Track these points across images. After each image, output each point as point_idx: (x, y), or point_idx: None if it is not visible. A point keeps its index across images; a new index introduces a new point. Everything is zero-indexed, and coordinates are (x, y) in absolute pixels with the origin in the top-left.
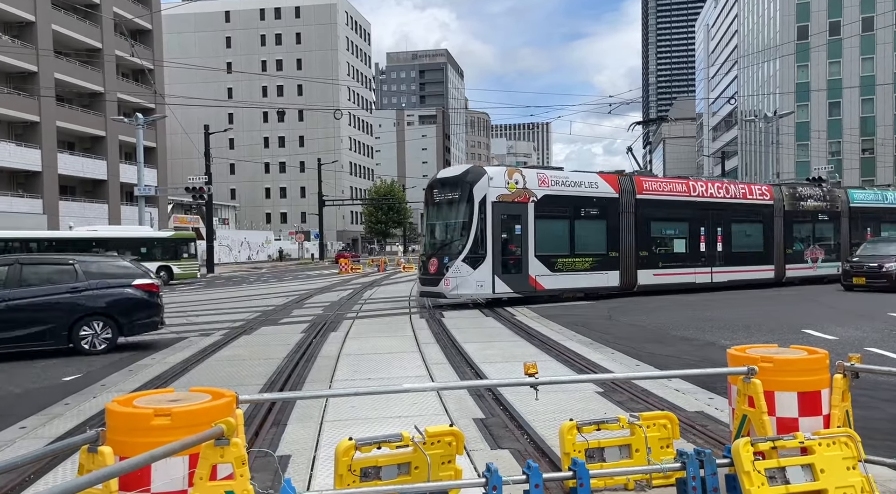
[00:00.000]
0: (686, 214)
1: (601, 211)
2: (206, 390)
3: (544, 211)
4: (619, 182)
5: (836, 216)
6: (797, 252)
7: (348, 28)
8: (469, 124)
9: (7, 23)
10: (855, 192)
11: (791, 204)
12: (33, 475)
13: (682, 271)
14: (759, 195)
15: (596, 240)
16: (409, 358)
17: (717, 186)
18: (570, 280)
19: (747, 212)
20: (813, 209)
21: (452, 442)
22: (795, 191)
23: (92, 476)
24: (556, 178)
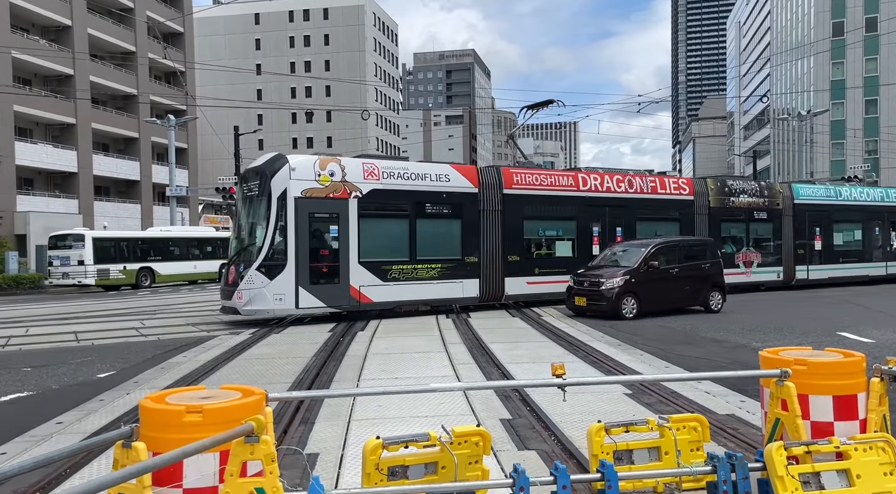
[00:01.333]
0: (573, 212)
1: (454, 208)
2: (236, 387)
3: (372, 208)
4: (481, 175)
5: (776, 214)
6: (726, 255)
7: (376, 29)
8: (496, 124)
9: (45, 27)
10: (801, 188)
11: (718, 200)
12: (69, 469)
13: (564, 279)
14: (676, 190)
15: (447, 243)
16: (435, 358)
17: (618, 180)
18: (410, 290)
19: (659, 209)
20: (747, 206)
21: (479, 443)
22: (724, 185)
23: (126, 471)
24: (389, 170)
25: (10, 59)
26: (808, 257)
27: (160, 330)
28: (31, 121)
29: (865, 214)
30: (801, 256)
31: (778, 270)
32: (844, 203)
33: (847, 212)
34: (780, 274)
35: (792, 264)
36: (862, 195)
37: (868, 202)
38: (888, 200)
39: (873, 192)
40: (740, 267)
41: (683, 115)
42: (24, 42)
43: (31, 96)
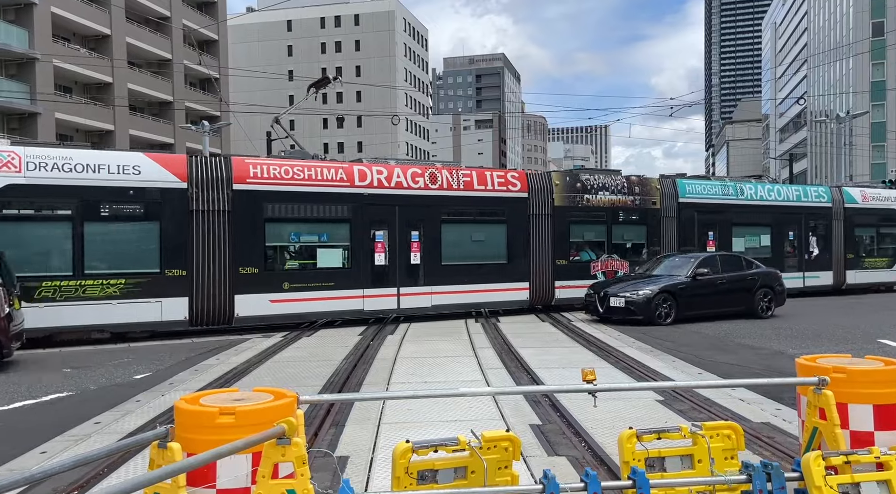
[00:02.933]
0: (345, 213)
1: (149, 209)
2: (268, 390)
3: (12, 209)
4: (195, 166)
5: (654, 215)
6: (575, 265)
7: (406, 35)
8: (526, 128)
9: (85, 37)
10: (689, 184)
11: (567, 198)
12: (107, 468)
13: (330, 295)
14: (502, 185)
15: (138, 252)
16: (465, 362)
17: (414, 174)
18: (76, 314)
19: (475, 208)
20: (609, 205)
21: (509, 448)
22: (576, 180)
23: (162, 471)
24: (40, 160)
25: (51, 67)
26: None
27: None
28: (72, 127)
29: (776, 216)
30: None
31: None
32: (746, 202)
33: (751, 213)
34: None
35: None
36: (771, 194)
37: (779, 202)
38: (806, 200)
39: (787, 191)
40: (598, 277)
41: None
42: (66, 51)
43: (72, 104)
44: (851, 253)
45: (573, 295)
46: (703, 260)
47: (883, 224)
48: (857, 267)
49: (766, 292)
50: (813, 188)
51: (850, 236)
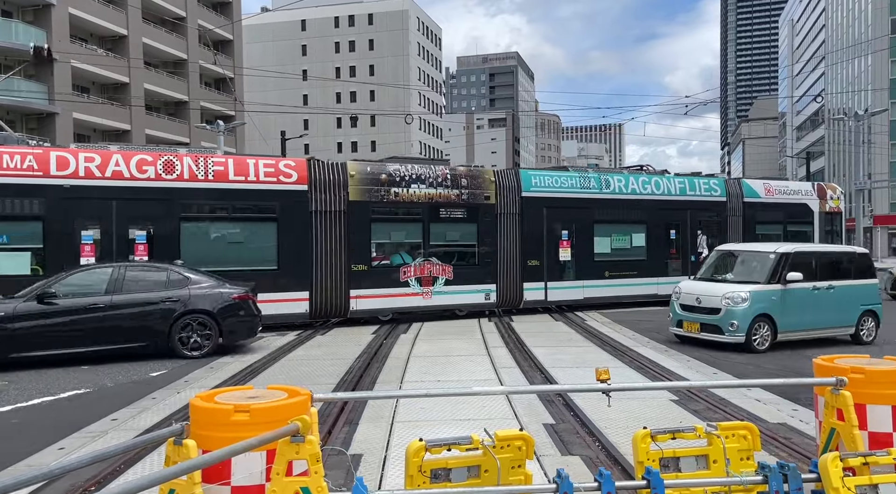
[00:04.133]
0: (34, 209)
1: None
2: (282, 388)
3: None
4: None
5: (487, 212)
6: (380, 271)
7: (420, 34)
8: (539, 127)
9: (102, 37)
10: (535, 175)
11: (366, 191)
12: (123, 464)
13: None
14: (270, 176)
15: None
16: (478, 361)
17: (141, 161)
18: None
19: (234, 204)
20: (426, 200)
21: (522, 447)
22: (380, 171)
23: (178, 467)
24: None
25: (69, 68)
26: (546, 271)
27: None
28: (90, 127)
29: (653, 212)
30: (535, 270)
31: (487, 290)
32: (613, 197)
33: (619, 208)
34: (489, 295)
35: (516, 281)
36: (647, 187)
37: (657, 196)
38: (693, 193)
39: (668, 183)
40: (411, 285)
41: (732, 116)
42: (83, 51)
43: (90, 104)
44: None
45: (377, 305)
46: None
47: (792, 221)
48: None
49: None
50: (703, 180)
51: (751, 234)
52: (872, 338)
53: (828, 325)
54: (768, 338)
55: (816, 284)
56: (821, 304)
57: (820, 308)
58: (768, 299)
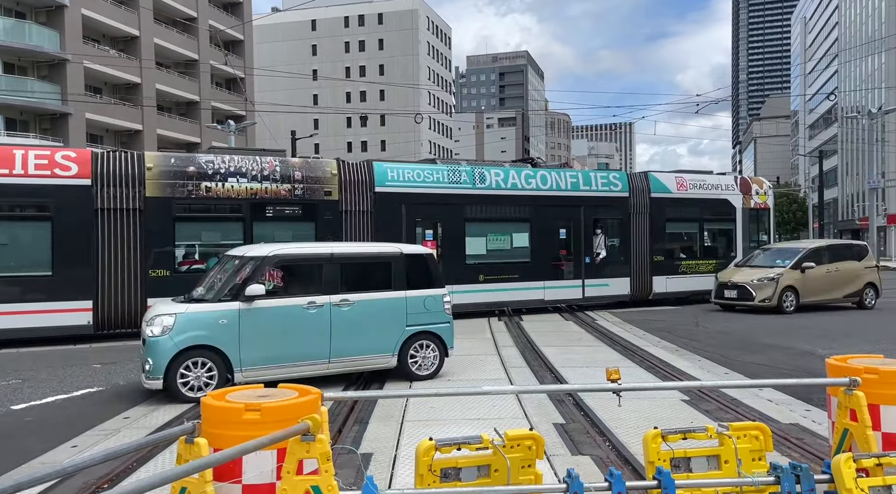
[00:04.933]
0: None
1: None
2: (293, 387)
3: None
4: None
5: (326, 210)
6: (189, 277)
7: (429, 33)
8: (549, 126)
9: (114, 38)
10: (391, 168)
11: (167, 186)
12: (136, 462)
13: None
14: (43, 168)
15: None
16: (488, 361)
17: None
18: None
19: None
20: (247, 196)
21: (532, 446)
22: (190, 163)
23: (189, 465)
24: None
25: (82, 69)
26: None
27: None
28: (102, 128)
29: (538, 209)
30: None
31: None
32: (488, 192)
33: (496, 205)
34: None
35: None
36: (530, 181)
37: (543, 191)
38: (588, 188)
39: (558, 177)
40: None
41: (744, 115)
42: (96, 52)
43: (102, 104)
44: (661, 256)
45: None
46: None
47: (710, 218)
48: (669, 273)
49: None
50: (601, 174)
51: (660, 233)
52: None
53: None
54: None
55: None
56: (833, 281)
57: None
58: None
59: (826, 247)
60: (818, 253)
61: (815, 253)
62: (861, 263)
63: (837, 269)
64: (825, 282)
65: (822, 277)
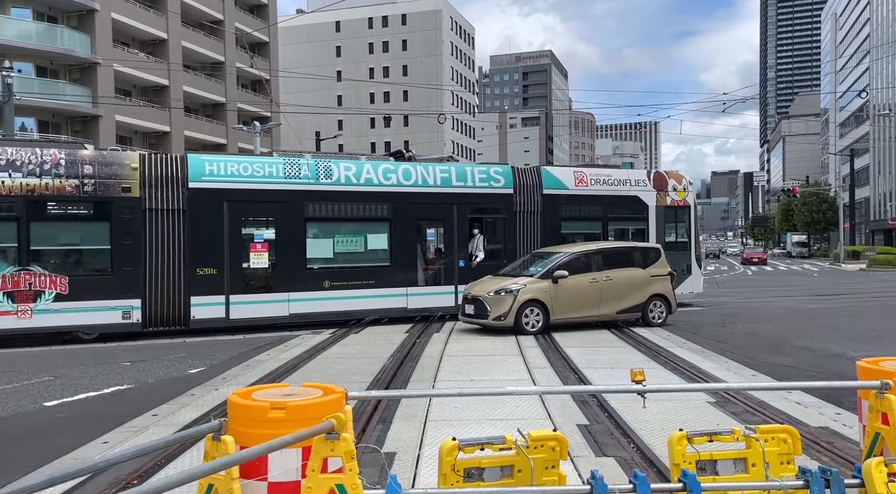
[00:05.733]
0: None
1: None
2: (317, 385)
3: None
4: None
5: (122, 208)
6: None
7: (453, 33)
8: (573, 125)
9: (143, 41)
10: (208, 161)
11: None
12: (164, 459)
13: None
14: None
15: None
16: (511, 361)
17: None
18: None
19: None
20: (24, 193)
21: (556, 447)
22: None
23: (216, 462)
24: None
25: (112, 72)
26: (227, 282)
27: None
28: (131, 129)
29: (402, 208)
30: (209, 280)
31: (127, 306)
32: (335, 188)
33: (348, 203)
34: (129, 314)
35: (176, 294)
36: (389, 176)
37: (406, 187)
38: (462, 184)
39: (425, 172)
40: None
41: (772, 113)
42: (125, 55)
43: (131, 106)
44: None
45: None
46: None
47: (617, 216)
48: None
49: None
50: (481, 168)
51: (555, 234)
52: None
53: None
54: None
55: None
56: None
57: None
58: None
59: (598, 252)
60: (583, 260)
61: (577, 260)
62: (647, 271)
63: (609, 278)
64: (588, 295)
65: (583, 289)
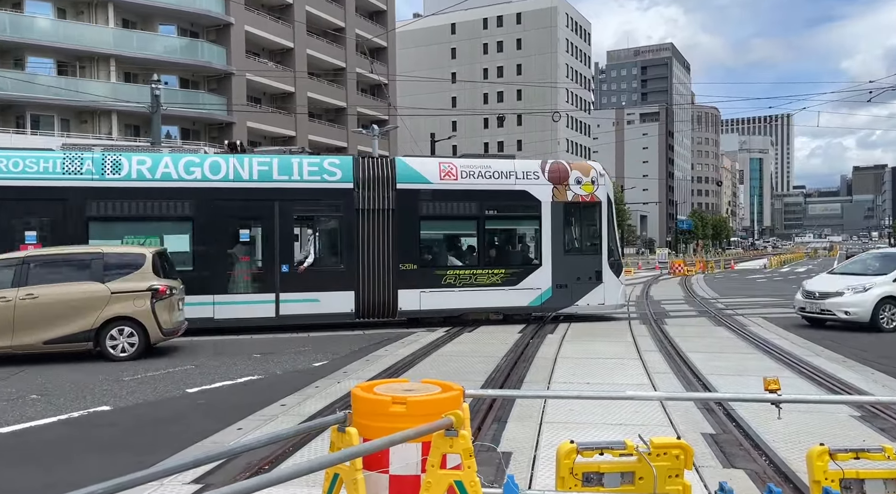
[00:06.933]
0: None
1: None
2: (435, 382)
3: None
4: None
5: None
6: None
7: (568, 30)
8: (696, 120)
9: (272, 51)
10: None
11: None
12: (292, 447)
13: None
14: None
15: None
16: (629, 365)
17: None
18: None
19: None
20: None
21: (680, 456)
22: None
23: (342, 453)
24: None
25: (244, 81)
26: None
27: None
28: (261, 134)
29: (208, 206)
30: None
31: None
32: (124, 185)
33: (141, 200)
34: None
35: None
36: (192, 170)
37: (215, 183)
38: (286, 178)
39: (238, 165)
40: None
41: None
42: (256, 65)
43: (261, 113)
44: (412, 263)
45: None
46: None
47: (496, 215)
48: (427, 285)
49: None
50: (312, 160)
51: (411, 235)
52: None
53: None
54: None
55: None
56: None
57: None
58: None
59: (37, 258)
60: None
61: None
62: (106, 285)
63: (32, 296)
64: None
65: None
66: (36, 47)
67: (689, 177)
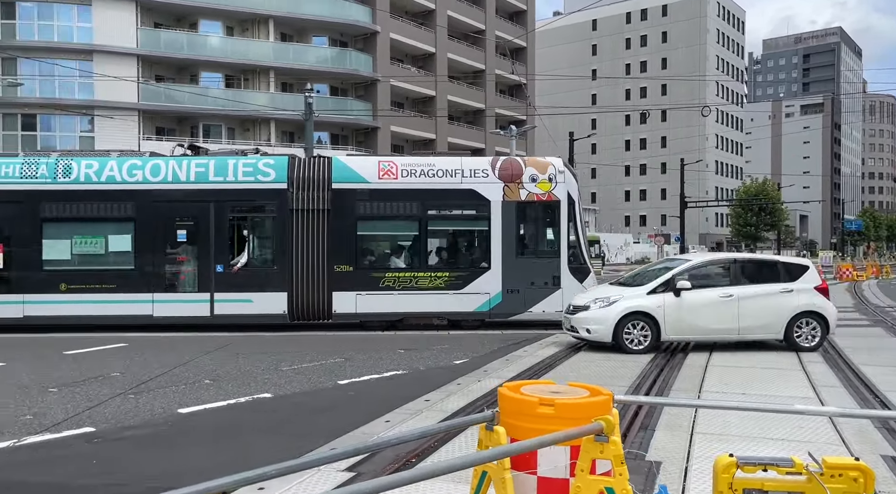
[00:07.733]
0: None
1: None
2: (582, 385)
3: None
4: None
5: None
6: None
7: (719, 19)
8: (868, 110)
9: (414, 56)
10: None
11: None
12: (437, 442)
13: None
14: None
15: None
16: (789, 377)
17: None
18: None
19: None
20: None
21: (859, 479)
22: None
23: (492, 451)
24: None
25: (388, 87)
26: None
27: None
28: (403, 138)
29: (149, 207)
30: None
31: None
32: (74, 187)
33: (89, 202)
34: None
35: None
36: (134, 173)
37: (155, 185)
38: (222, 179)
39: (178, 167)
40: None
41: None
42: (399, 71)
43: (403, 117)
44: (347, 265)
45: None
46: None
47: (440, 215)
48: (363, 288)
49: None
50: (247, 161)
51: (346, 236)
52: None
53: None
54: None
55: None
56: None
57: None
58: None
59: None
60: None
61: None
62: None
63: None
64: None
65: None
66: (208, 63)
67: (858, 174)
